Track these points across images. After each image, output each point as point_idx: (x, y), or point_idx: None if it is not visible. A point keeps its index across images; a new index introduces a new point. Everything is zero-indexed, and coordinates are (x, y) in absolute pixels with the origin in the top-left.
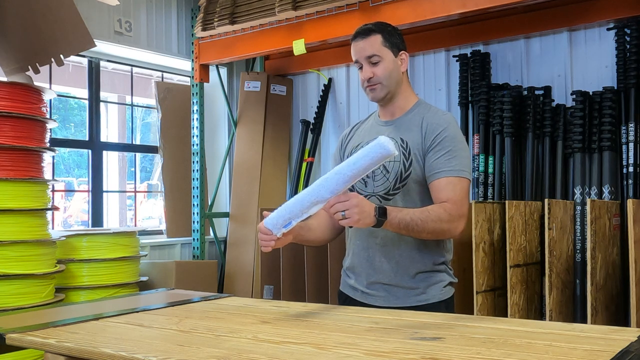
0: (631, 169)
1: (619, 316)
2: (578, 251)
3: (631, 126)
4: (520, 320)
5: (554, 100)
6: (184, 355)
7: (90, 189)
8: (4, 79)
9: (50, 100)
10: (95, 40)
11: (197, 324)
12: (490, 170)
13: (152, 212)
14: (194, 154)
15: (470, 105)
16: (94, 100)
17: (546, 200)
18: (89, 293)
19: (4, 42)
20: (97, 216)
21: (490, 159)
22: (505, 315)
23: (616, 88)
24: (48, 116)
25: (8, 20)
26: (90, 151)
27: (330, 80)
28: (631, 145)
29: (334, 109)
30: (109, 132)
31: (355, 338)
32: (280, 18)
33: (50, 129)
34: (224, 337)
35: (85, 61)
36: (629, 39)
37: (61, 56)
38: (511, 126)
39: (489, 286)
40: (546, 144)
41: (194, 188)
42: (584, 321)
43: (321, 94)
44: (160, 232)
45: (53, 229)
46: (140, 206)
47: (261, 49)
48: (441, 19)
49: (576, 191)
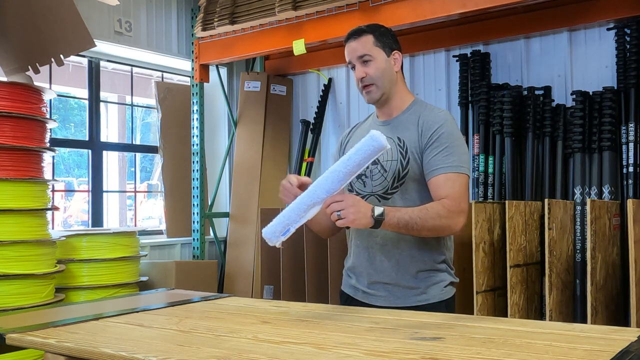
0: (631, 169)
1: (619, 316)
2: (578, 251)
3: (631, 126)
4: (520, 320)
5: (554, 100)
6: (184, 355)
7: (90, 189)
8: (4, 79)
9: (50, 100)
10: (95, 40)
11: (197, 324)
12: (490, 170)
13: (152, 212)
14: (194, 154)
15: (470, 105)
16: (94, 100)
17: (546, 200)
18: (89, 293)
19: (4, 42)
20: (97, 216)
21: (490, 159)
22: (505, 315)
23: (616, 88)
24: (48, 116)
25: (8, 20)
26: (90, 151)
27: (330, 80)
28: (631, 145)
29: (334, 109)
30: (109, 132)
31: (355, 338)
32: (280, 18)
33: (50, 129)
34: (224, 337)
35: (85, 61)
36: (629, 39)
37: (61, 56)
38: (511, 126)
39: (489, 286)
40: (546, 144)
41: (194, 188)
42: (584, 321)
43: (321, 94)
44: (160, 232)
45: (53, 229)
46: (140, 206)
47: (261, 49)
48: (441, 19)
49: (576, 191)
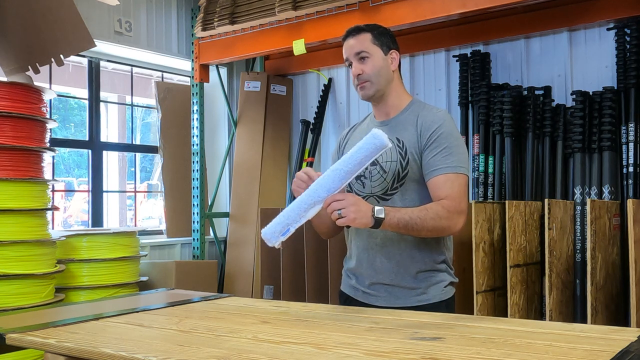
0: (631, 169)
1: (619, 316)
2: (578, 251)
3: (631, 126)
4: (520, 320)
5: (554, 100)
6: (184, 355)
7: (90, 189)
8: (4, 79)
9: (50, 100)
10: (95, 40)
11: (197, 324)
12: (490, 170)
13: (152, 212)
14: (194, 154)
15: (470, 105)
16: (94, 100)
17: (546, 200)
18: (89, 293)
19: (4, 42)
20: (97, 216)
21: (490, 159)
22: (505, 315)
23: (616, 88)
24: (48, 116)
25: (8, 20)
26: (90, 151)
27: (330, 80)
28: (631, 145)
29: (334, 109)
30: (109, 132)
31: (355, 338)
32: (280, 18)
33: (50, 129)
34: (224, 337)
35: (85, 61)
36: (629, 39)
37: (61, 56)
38: (511, 126)
39: (489, 286)
40: (546, 144)
41: (194, 188)
42: (584, 321)
43: (321, 94)
44: (160, 232)
45: (53, 229)
46: (140, 206)
47: (261, 49)
48: (441, 19)
49: (576, 191)
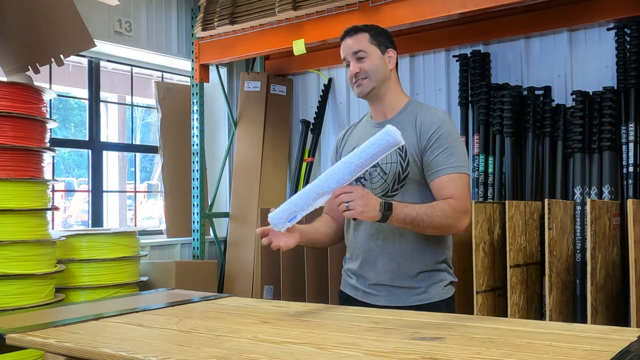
0: (631, 169)
1: (619, 316)
2: (578, 251)
3: (631, 126)
4: (520, 320)
5: (554, 100)
6: (184, 355)
7: (90, 189)
8: (4, 79)
9: (50, 100)
10: (95, 40)
11: (197, 324)
12: (490, 170)
13: (152, 212)
14: (194, 154)
15: (470, 105)
16: (94, 100)
17: (546, 200)
18: (89, 293)
19: (4, 42)
20: (97, 216)
21: (490, 159)
22: (505, 315)
23: (616, 88)
24: (48, 116)
25: (8, 20)
26: (90, 151)
27: (330, 80)
28: (631, 145)
29: (334, 109)
30: (109, 132)
31: (355, 338)
32: (280, 18)
33: (50, 129)
34: (224, 337)
35: (85, 61)
36: (629, 39)
37: (61, 56)
38: (511, 126)
39: (489, 286)
40: (546, 144)
41: (194, 188)
42: (584, 321)
43: (321, 94)
44: (160, 232)
45: (53, 229)
46: (140, 206)
47: (261, 49)
48: (441, 19)
49: (576, 191)
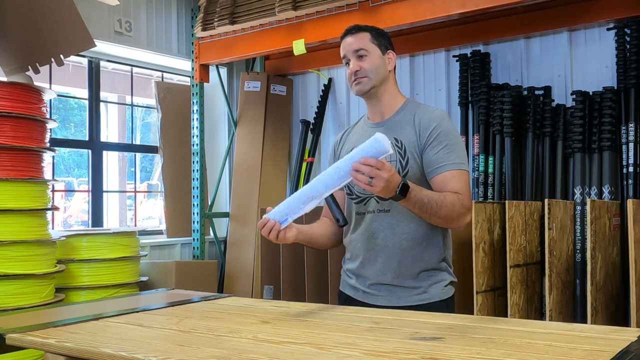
0: (631, 169)
1: (619, 316)
2: (578, 251)
3: (631, 126)
4: (520, 320)
5: (554, 100)
6: (184, 355)
7: (90, 189)
8: (4, 79)
9: (50, 100)
10: (95, 40)
11: (197, 324)
12: (490, 170)
13: (152, 212)
14: (194, 154)
15: (470, 105)
16: (94, 100)
17: (546, 200)
18: (89, 293)
19: (4, 42)
20: (97, 216)
21: (490, 159)
22: (505, 315)
23: (616, 88)
24: (48, 116)
25: (8, 20)
26: (90, 151)
27: (330, 80)
28: (631, 145)
29: (334, 109)
30: (109, 132)
31: (355, 338)
32: (280, 18)
33: (50, 129)
34: (224, 337)
35: (85, 61)
36: (629, 39)
37: (61, 56)
38: (511, 126)
39: (489, 286)
40: (546, 144)
41: (194, 188)
42: (584, 321)
43: (321, 94)
44: (160, 232)
45: (53, 229)
46: (140, 206)
47: (261, 49)
48: (441, 19)
49: (576, 191)
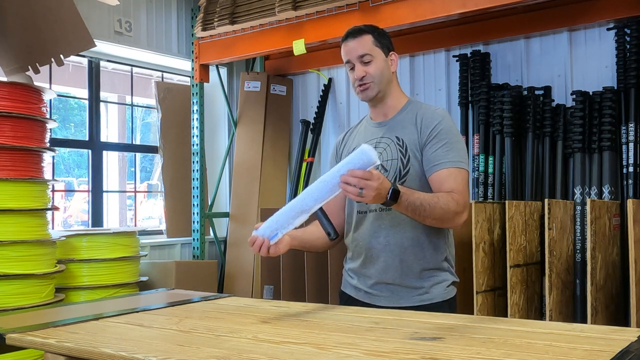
0: (631, 169)
1: (619, 316)
2: (578, 251)
3: (631, 126)
4: (520, 320)
5: (554, 100)
6: (184, 355)
7: (90, 189)
8: (4, 79)
9: (50, 100)
10: (95, 40)
11: (197, 324)
12: (490, 170)
13: (152, 212)
14: (194, 154)
15: (470, 105)
16: (94, 100)
17: (546, 200)
18: (89, 293)
19: (4, 42)
20: (97, 216)
21: (490, 159)
22: (505, 315)
23: (616, 88)
24: (48, 116)
25: (8, 20)
26: (90, 151)
27: (330, 80)
28: (631, 145)
29: (334, 109)
30: (109, 132)
31: (355, 338)
32: (280, 18)
33: (50, 129)
34: (224, 337)
35: (85, 61)
36: (629, 39)
37: (61, 56)
38: (511, 126)
39: (489, 286)
40: (546, 144)
41: (194, 188)
42: (584, 321)
43: (321, 94)
44: (160, 232)
45: (53, 229)
46: (140, 206)
47: (261, 49)
48: (441, 19)
49: (576, 191)
